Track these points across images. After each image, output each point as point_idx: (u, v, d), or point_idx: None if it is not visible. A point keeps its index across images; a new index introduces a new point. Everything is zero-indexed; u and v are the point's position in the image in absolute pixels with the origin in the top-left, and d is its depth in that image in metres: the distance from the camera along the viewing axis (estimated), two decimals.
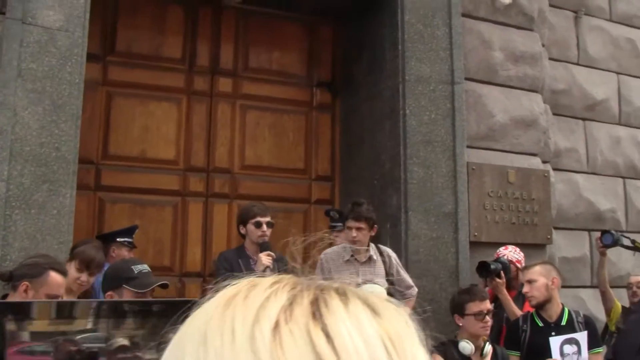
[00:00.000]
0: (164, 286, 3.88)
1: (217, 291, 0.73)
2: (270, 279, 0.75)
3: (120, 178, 6.17)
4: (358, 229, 5.24)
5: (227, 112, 6.63)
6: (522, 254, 5.85)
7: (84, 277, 4.29)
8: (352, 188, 6.72)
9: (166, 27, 6.51)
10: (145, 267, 3.84)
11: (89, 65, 6.03)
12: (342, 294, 0.72)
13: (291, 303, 0.69)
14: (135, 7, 6.40)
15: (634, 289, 6.41)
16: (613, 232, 6.17)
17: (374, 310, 0.71)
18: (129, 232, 5.54)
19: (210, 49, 6.68)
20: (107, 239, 5.39)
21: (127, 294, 3.66)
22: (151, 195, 6.26)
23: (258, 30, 6.86)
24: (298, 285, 0.73)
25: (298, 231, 6.73)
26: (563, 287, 6.96)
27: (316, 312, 0.68)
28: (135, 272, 3.74)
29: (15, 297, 3.55)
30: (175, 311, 0.84)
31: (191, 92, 6.54)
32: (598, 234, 6.27)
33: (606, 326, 6.22)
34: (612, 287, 7.28)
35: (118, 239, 5.38)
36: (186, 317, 0.73)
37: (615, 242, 6.12)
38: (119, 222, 6.00)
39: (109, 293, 3.76)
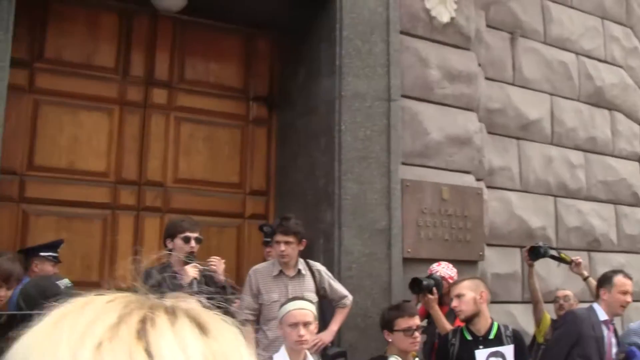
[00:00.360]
0: None
1: None
2: (106, 296, 0.74)
3: (46, 190, 5.98)
4: (286, 242, 5.23)
5: (161, 124, 6.51)
6: (454, 270, 5.88)
7: (2, 292, 4.11)
8: (286, 203, 6.66)
9: (99, 35, 6.36)
10: (67, 282, 3.69)
11: (14, 71, 5.85)
12: (171, 313, 0.73)
13: (119, 322, 0.69)
14: (66, 13, 6.23)
15: (561, 302, 6.54)
16: (541, 244, 6.24)
17: (202, 329, 0.72)
18: (53, 246, 5.37)
19: (145, 58, 6.55)
20: (29, 253, 5.21)
21: None
22: (79, 208, 6.10)
23: (195, 41, 6.76)
24: (131, 303, 0.73)
25: (231, 246, 6.65)
26: (494, 302, 7.04)
27: (141, 331, 0.69)
28: (61, 287, 3.60)
29: None
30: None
31: (124, 103, 6.39)
32: (527, 246, 6.35)
33: (534, 338, 6.29)
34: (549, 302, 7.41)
35: (41, 253, 5.21)
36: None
37: (543, 255, 6.20)
38: (44, 236, 5.80)
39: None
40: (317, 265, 5.56)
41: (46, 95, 6.10)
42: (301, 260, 5.45)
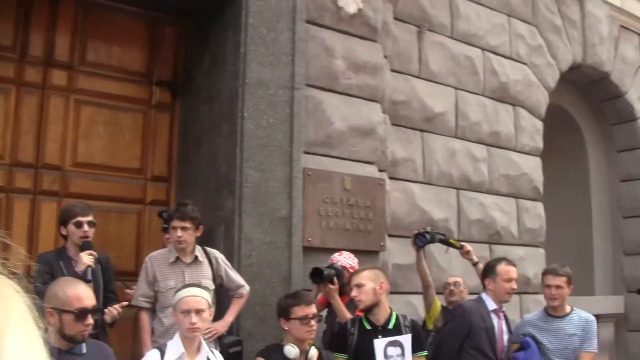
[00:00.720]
0: None
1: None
2: None
3: None
4: (183, 228, 5.23)
5: (60, 106, 6.34)
6: (356, 260, 5.94)
7: None
8: (188, 190, 6.60)
9: None
10: None
11: None
12: None
13: None
14: None
15: (451, 287, 6.66)
16: (429, 230, 6.33)
17: None
18: None
19: (45, 38, 6.35)
20: None
21: None
22: None
23: (98, 23, 6.61)
24: None
25: (131, 233, 6.57)
26: (395, 293, 7.14)
27: None
28: None
29: None
30: None
31: (21, 84, 6.19)
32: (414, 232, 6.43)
33: (424, 324, 6.39)
34: (441, 293, 7.53)
35: None
36: None
37: (430, 240, 6.29)
38: None
39: None
40: (215, 253, 5.55)
41: None
42: (198, 247, 5.44)
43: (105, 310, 4.94)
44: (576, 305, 6.02)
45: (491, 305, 5.68)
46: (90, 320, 3.68)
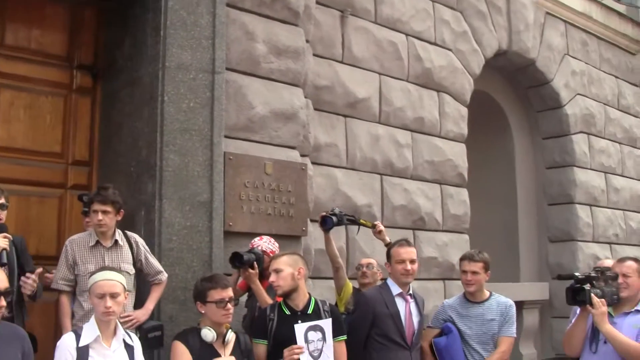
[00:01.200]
0: None
1: None
2: None
3: None
4: (104, 212, 5.24)
5: None
6: (277, 244, 5.99)
7: None
8: (109, 174, 6.57)
9: None
10: None
11: None
12: None
13: None
14: None
15: (364, 269, 6.71)
16: (336, 212, 6.40)
17: None
18: None
19: None
20: None
21: None
22: None
23: (16, 6, 6.51)
24: None
25: (52, 217, 6.53)
26: (318, 278, 7.24)
27: None
28: None
29: None
30: None
31: None
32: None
33: (335, 306, 6.45)
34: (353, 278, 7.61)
35: None
36: None
37: (338, 222, 6.37)
38: None
39: None
40: (135, 237, 5.57)
41: None
42: (119, 231, 5.46)
43: (21, 282, 4.88)
44: (501, 292, 6.14)
45: (396, 289, 5.72)
46: (2, 302, 3.67)
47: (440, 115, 9.38)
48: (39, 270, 5.01)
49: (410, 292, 5.81)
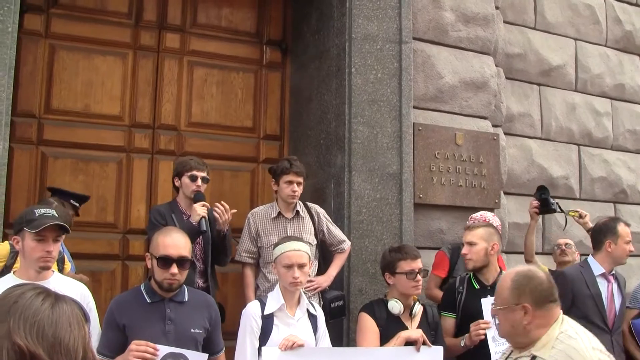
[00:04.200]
0: (63, 229, 3.73)
1: None
2: None
3: (63, 133, 6.05)
4: (298, 183, 5.32)
5: (174, 68, 6.51)
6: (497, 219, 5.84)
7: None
8: (299, 147, 6.65)
9: None
10: (48, 211, 3.72)
11: (30, 17, 5.96)
12: None
13: None
14: None
15: (562, 247, 6.38)
16: (553, 201, 6.11)
17: None
18: (81, 199, 5.46)
19: (158, 3, 6.53)
20: (56, 193, 5.31)
21: (27, 237, 3.59)
22: (95, 151, 6.16)
23: None
24: None
25: (245, 190, 6.69)
26: (512, 252, 6.98)
27: None
28: (36, 214, 3.65)
29: None
30: None
31: (137, 47, 6.40)
32: (536, 195, 6.21)
33: None
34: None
35: (72, 201, 5.31)
36: None
37: (553, 210, 6.09)
38: (62, 178, 5.93)
39: (14, 237, 3.69)
40: (316, 207, 5.59)
41: (61, 41, 6.13)
42: (299, 202, 5.48)
43: (214, 213, 5.08)
44: None
45: (598, 269, 5.36)
46: (174, 269, 3.72)
47: None
48: (229, 209, 5.16)
49: (613, 272, 5.45)
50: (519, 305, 3.20)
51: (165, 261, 3.72)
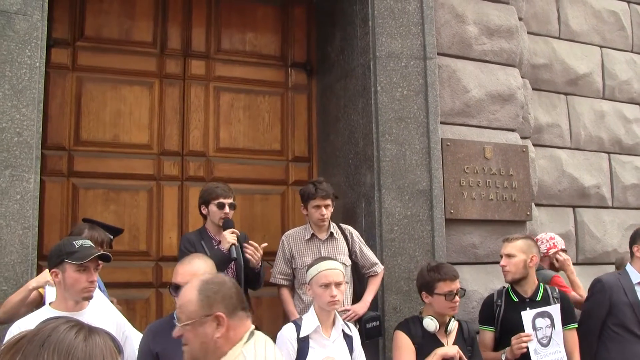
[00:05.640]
0: (105, 258, 3.78)
1: None
2: None
3: (93, 164, 6.12)
4: (326, 206, 5.30)
5: (200, 94, 6.57)
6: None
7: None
8: (328, 168, 6.66)
9: (136, 11, 6.45)
10: (87, 242, 3.78)
11: (57, 51, 6.05)
12: None
13: None
14: None
15: None
16: None
17: None
18: (115, 231, 5.49)
19: (182, 31, 6.61)
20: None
21: (69, 268, 3.63)
22: (125, 180, 6.21)
23: (230, 12, 6.79)
24: None
25: (276, 213, 6.70)
26: None
27: None
28: (77, 246, 3.69)
29: None
30: None
31: (163, 76, 6.47)
32: None
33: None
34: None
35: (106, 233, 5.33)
36: None
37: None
38: (94, 208, 5.99)
39: (53, 270, 3.72)
40: (350, 229, 5.58)
41: (88, 72, 6.22)
42: (333, 224, 5.48)
43: (245, 253, 5.06)
44: None
45: (636, 277, 5.30)
46: None
47: None
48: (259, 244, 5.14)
49: None
50: (210, 316, 2.81)
51: (175, 289, 3.73)
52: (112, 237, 5.40)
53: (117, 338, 1.80)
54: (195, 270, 3.74)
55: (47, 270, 3.99)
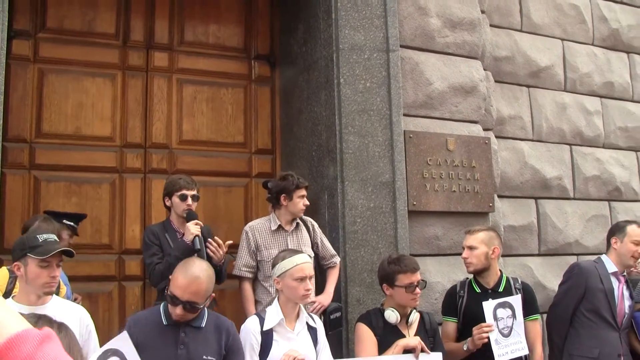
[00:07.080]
0: (68, 254, 3.77)
1: None
2: None
3: (55, 156, 6.06)
4: (304, 196, 5.38)
5: (163, 86, 6.53)
6: None
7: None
8: (292, 160, 6.66)
9: (98, 3, 6.38)
10: (51, 237, 3.76)
11: (18, 42, 5.98)
12: None
13: None
14: None
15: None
16: None
17: None
18: (77, 218, 5.44)
19: (145, 23, 6.56)
20: (55, 217, 5.28)
21: (31, 263, 3.61)
22: (87, 172, 6.17)
23: (193, 3, 6.76)
24: None
25: (239, 205, 6.69)
26: (509, 255, 6.99)
27: None
28: (40, 240, 3.67)
29: None
30: None
31: (126, 68, 6.42)
32: None
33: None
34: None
35: (64, 221, 5.27)
36: None
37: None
38: (55, 201, 5.94)
39: (15, 264, 3.70)
40: (311, 220, 5.60)
41: (50, 64, 6.16)
42: None
43: (207, 250, 4.98)
44: None
45: (611, 267, 5.40)
46: (179, 310, 3.73)
47: (632, 78, 8.82)
48: (224, 242, 5.11)
49: (624, 273, 5.49)
50: None
51: (173, 300, 3.73)
52: (75, 224, 5.37)
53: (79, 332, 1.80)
54: (191, 286, 3.73)
55: None
